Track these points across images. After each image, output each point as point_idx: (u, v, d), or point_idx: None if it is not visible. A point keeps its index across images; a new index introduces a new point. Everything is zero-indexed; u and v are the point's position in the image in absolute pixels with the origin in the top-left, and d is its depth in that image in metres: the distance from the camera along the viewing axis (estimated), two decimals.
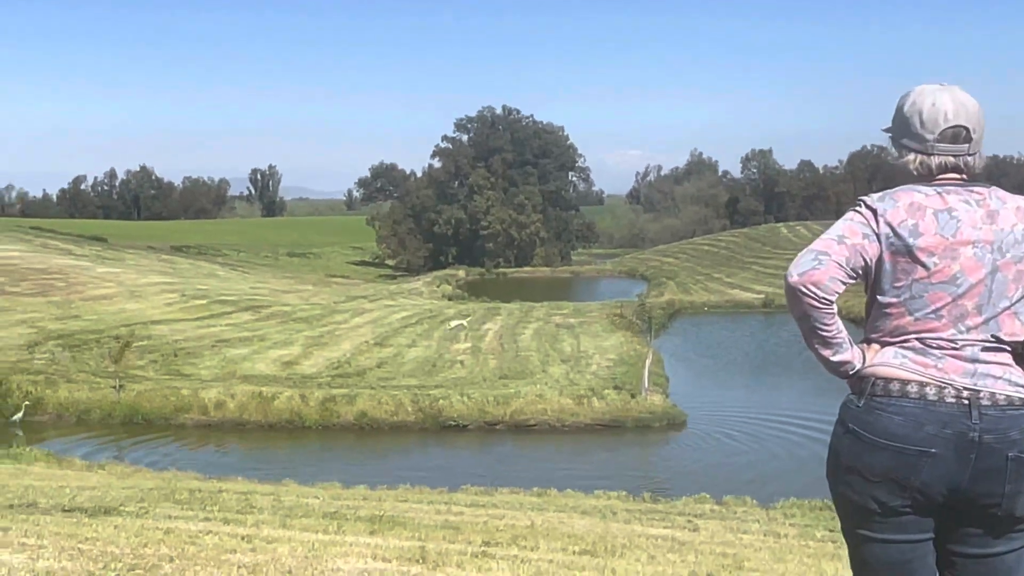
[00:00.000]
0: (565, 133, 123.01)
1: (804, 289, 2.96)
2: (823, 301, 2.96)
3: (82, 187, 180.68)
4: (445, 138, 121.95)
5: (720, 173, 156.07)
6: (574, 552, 9.18)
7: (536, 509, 14.93)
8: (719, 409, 34.35)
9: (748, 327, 58.51)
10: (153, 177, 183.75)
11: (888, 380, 2.99)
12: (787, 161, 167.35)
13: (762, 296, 69.61)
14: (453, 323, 45.76)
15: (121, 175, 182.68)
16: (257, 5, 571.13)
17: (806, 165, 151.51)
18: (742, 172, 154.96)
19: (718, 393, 38.00)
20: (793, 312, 3.07)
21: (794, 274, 3.00)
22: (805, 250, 3.03)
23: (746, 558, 10.18)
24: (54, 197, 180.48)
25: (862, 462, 2.98)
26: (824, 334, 3.05)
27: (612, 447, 29.69)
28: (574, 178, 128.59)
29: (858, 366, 3.06)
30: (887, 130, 3.19)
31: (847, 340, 3.06)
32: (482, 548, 8.52)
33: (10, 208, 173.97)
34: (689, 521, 14.13)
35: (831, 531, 13.45)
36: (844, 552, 10.41)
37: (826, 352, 3.09)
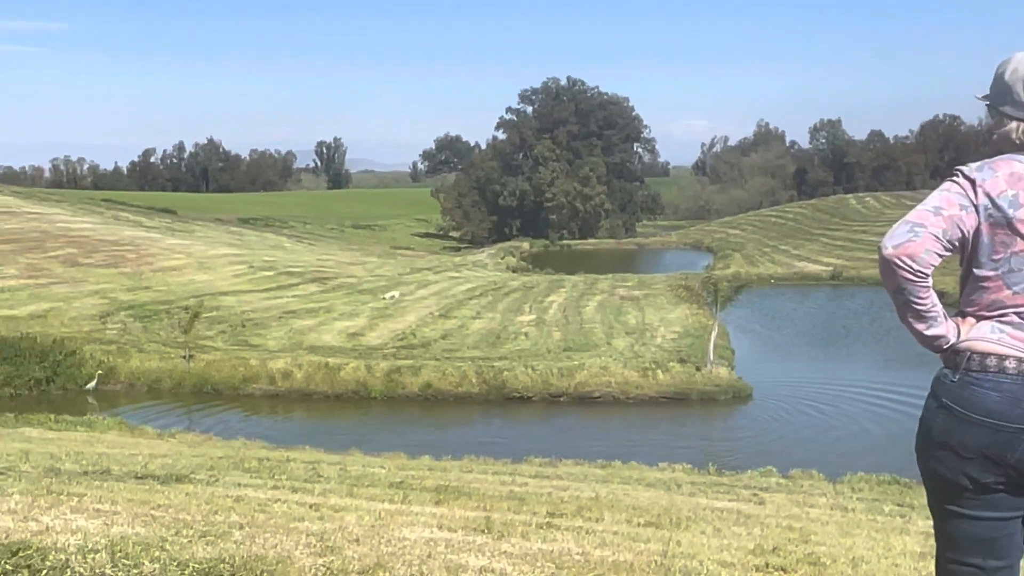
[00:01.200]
0: (630, 104, 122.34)
1: (899, 261, 2.88)
2: (918, 274, 2.87)
3: (152, 160, 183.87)
4: (510, 110, 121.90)
5: (788, 144, 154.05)
6: (639, 524, 9.14)
7: (600, 481, 14.90)
8: (785, 382, 33.99)
9: (815, 299, 57.78)
10: (221, 150, 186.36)
11: (985, 355, 2.91)
12: (856, 131, 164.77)
13: (830, 268, 68.68)
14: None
15: (189, 148, 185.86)
16: None
17: (876, 135, 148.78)
18: (810, 142, 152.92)
19: (785, 366, 37.59)
20: (887, 285, 2.99)
21: (888, 246, 2.91)
22: (900, 221, 2.94)
23: (812, 532, 10.06)
24: (124, 170, 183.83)
25: (956, 438, 2.91)
26: (919, 307, 2.96)
27: (677, 420, 29.56)
28: (639, 149, 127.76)
29: (952, 340, 2.98)
30: (984, 98, 3.07)
31: (942, 314, 2.97)
32: (547, 519, 8.52)
33: (82, 181, 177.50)
34: (755, 494, 13.99)
35: (899, 506, 13.25)
36: (912, 527, 10.26)
37: (920, 326, 3.01)
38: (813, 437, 26.74)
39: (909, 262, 2.87)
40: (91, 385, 31.42)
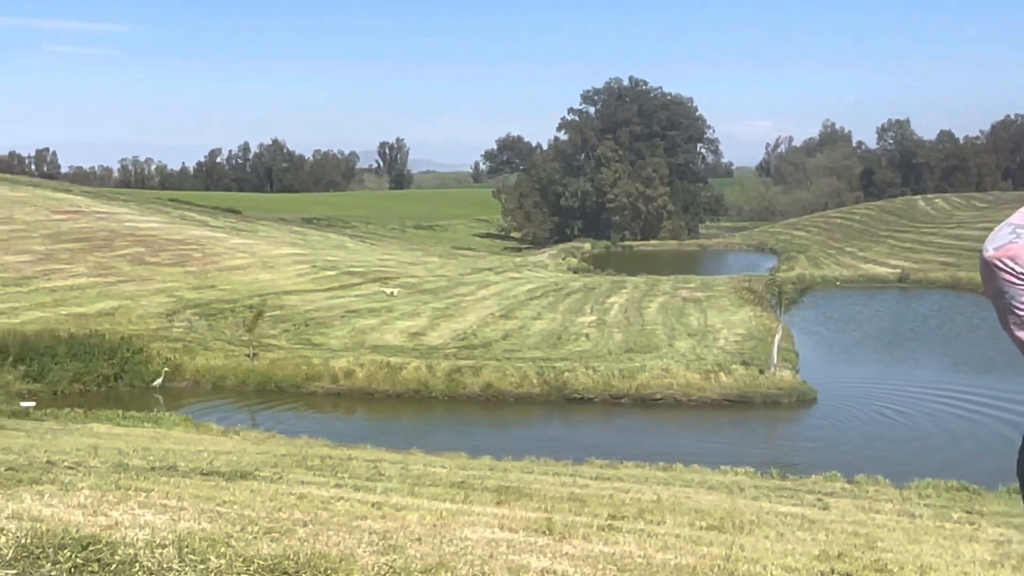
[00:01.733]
0: (694, 104, 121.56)
1: (1000, 263, 2.77)
2: (1021, 276, 2.77)
3: (217, 160, 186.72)
4: (572, 110, 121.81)
5: (854, 144, 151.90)
6: (701, 527, 9.06)
7: (662, 483, 14.80)
8: (851, 386, 33.50)
9: (882, 302, 56.89)
10: (285, 150, 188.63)
11: None
12: (925, 131, 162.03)
13: (897, 271, 67.59)
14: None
15: (254, 148, 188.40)
16: None
17: (946, 135, 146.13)
18: (877, 143, 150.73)
19: (850, 369, 37.05)
20: (987, 290, 2.88)
21: (989, 248, 2.81)
22: (1002, 224, 2.83)
23: (879, 538, 9.89)
24: (191, 170, 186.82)
25: None
26: (1021, 312, 2.86)
27: (739, 423, 29.28)
28: (702, 150, 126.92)
29: None
30: None
31: None
32: (608, 521, 8.47)
33: (150, 181, 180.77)
34: (819, 499, 13.80)
35: (968, 512, 12.98)
36: (982, 535, 10.03)
37: (1021, 333, 2.90)
38: (879, 442, 26.31)
39: (1011, 264, 2.76)
40: (158, 382, 31.93)
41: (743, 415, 29.92)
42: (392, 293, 46.06)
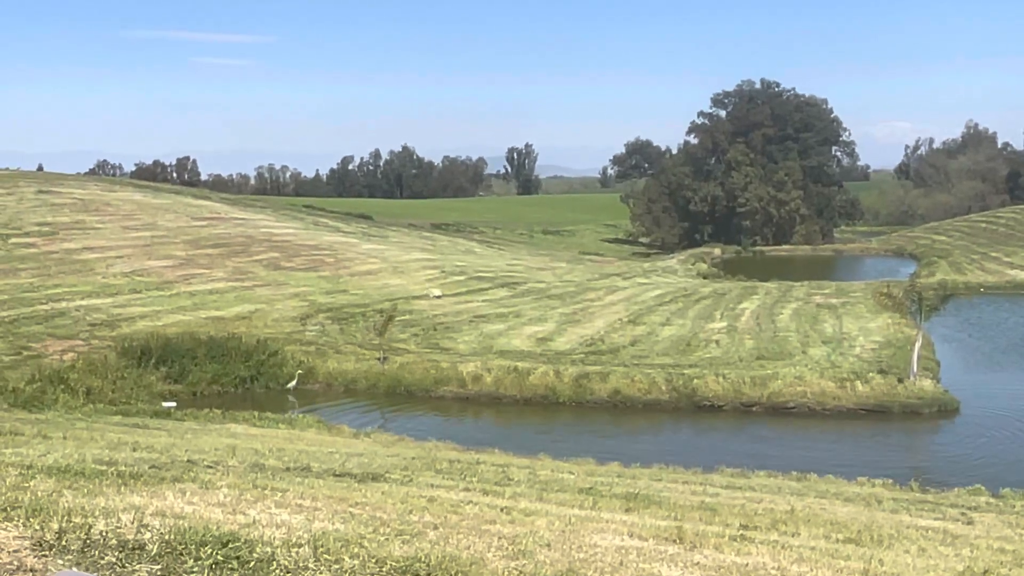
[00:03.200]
0: (828, 106, 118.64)
1: None
2: None
3: (349, 167, 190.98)
4: (701, 114, 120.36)
5: (999, 145, 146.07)
6: (837, 540, 8.80)
7: (795, 494, 14.45)
8: (996, 396, 32.16)
9: None
10: (414, 157, 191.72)
11: None
12: None
13: None
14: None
15: (385, 155, 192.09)
16: None
17: None
18: None
19: (995, 379, 35.58)
20: None
21: None
22: None
23: None
24: (324, 177, 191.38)
25: None
26: None
27: (877, 433, 28.41)
28: (837, 152, 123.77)
29: None
30: None
31: None
32: (740, 531, 8.30)
33: (284, 188, 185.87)
34: (963, 514, 13.28)
35: None
36: None
37: None
38: None
39: None
40: (292, 384, 32.71)
41: (880, 425, 29.02)
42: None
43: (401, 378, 33.11)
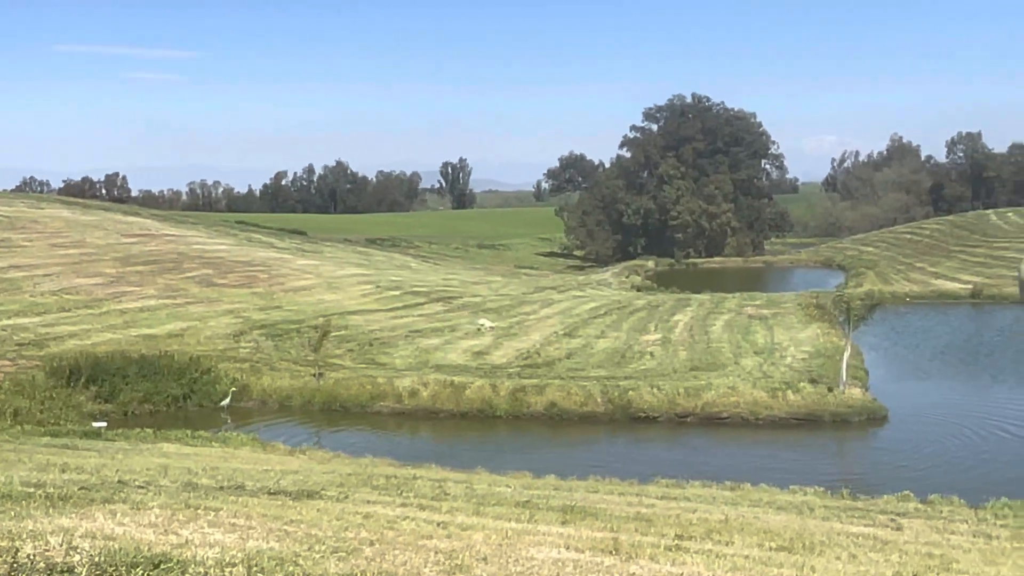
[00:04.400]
0: (757, 120, 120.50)
1: None
2: None
3: (283, 182, 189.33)
4: (634, 128, 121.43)
5: (923, 158, 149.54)
6: (770, 548, 8.92)
7: (729, 503, 14.62)
8: (923, 404, 32.85)
9: (954, 319, 55.76)
10: (348, 171, 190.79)
11: None
12: (997, 144, 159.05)
13: (969, 286, 66.22)
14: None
15: (319, 170, 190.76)
16: (448, 1, 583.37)
17: (1018, 148, 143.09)
18: (947, 156, 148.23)
19: (922, 387, 36.35)
20: None
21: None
22: None
23: (954, 560, 9.67)
24: (257, 192, 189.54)
25: None
26: None
27: (808, 442, 28.84)
28: (767, 166, 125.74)
29: None
30: None
31: None
32: (675, 541, 8.38)
33: (217, 203, 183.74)
34: (892, 520, 13.54)
35: None
36: None
37: None
38: (953, 461, 25.74)
39: None
40: (225, 402, 32.34)
41: (812, 434, 29.47)
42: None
43: (337, 394, 32.88)
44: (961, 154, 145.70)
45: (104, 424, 27.61)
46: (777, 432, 29.53)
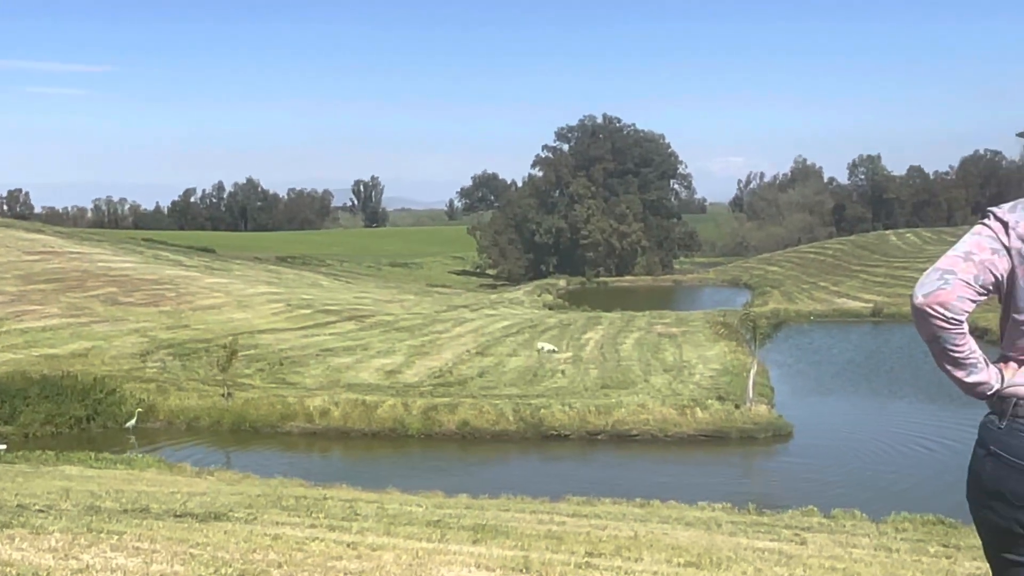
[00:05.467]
0: (666, 141, 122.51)
1: (930, 310, 2.80)
2: (951, 321, 2.80)
3: (192, 199, 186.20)
4: (546, 147, 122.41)
5: (826, 180, 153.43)
6: (679, 564, 9.04)
7: (639, 520, 14.76)
8: (827, 420, 33.63)
9: (856, 337, 57.23)
10: (259, 189, 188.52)
11: None
12: (896, 167, 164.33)
13: (871, 305, 68.05)
14: (542, 346, 44.72)
15: (229, 187, 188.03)
16: (358, 17, 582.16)
17: (916, 171, 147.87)
18: (849, 178, 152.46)
19: (825, 404, 37.20)
20: (922, 334, 2.90)
21: (919, 295, 2.84)
22: (930, 269, 2.87)
23: (856, 573, 9.92)
24: (165, 210, 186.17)
25: (1006, 486, 2.82)
26: (956, 355, 2.88)
27: (716, 458, 29.29)
28: (676, 186, 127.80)
29: (996, 386, 2.89)
30: (1021, 135, 3.02)
31: (982, 359, 2.88)
32: (585, 559, 8.45)
33: (123, 220, 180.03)
34: (796, 534, 13.80)
35: (945, 547, 13.01)
36: (959, 568, 10.06)
37: (959, 373, 2.92)
38: (855, 476, 26.37)
39: (941, 310, 2.79)
40: (131, 423, 31.63)
41: (719, 450, 29.94)
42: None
43: (246, 414, 32.40)
44: (862, 176, 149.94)
45: (4, 446, 26.78)
46: (686, 449, 29.93)
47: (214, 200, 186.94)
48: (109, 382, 33.79)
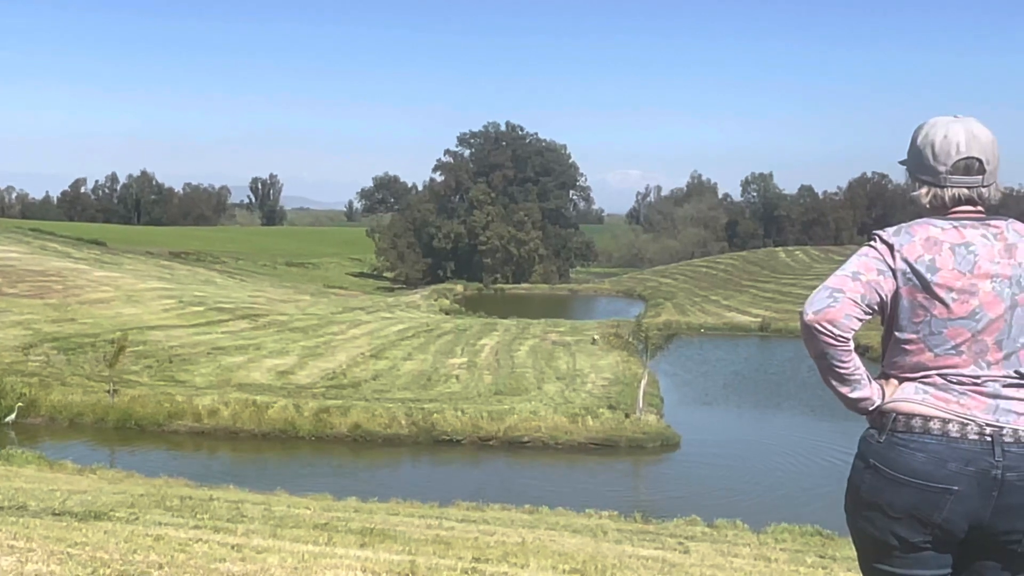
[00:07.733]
0: (567, 151, 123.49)
1: (819, 327, 2.93)
2: (839, 339, 2.93)
3: (82, 190, 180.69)
4: (448, 152, 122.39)
5: (720, 196, 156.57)
6: (564, 571, 9.15)
7: (527, 526, 14.89)
8: (713, 431, 34.32)
9: (744, 350, 58.51)
10: (154, 182, 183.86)
11: (910, 416, 2.94)
12: (787, 185, 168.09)
13: (759, 319, 69.63)
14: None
15: (122, 179, 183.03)
16: (261, 14, 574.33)
17: (806, 190, 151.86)
18: (742, 195, 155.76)
19: (713, 415, 37.98)
20: (809, 350, 3.03)
21: (809, 312, 2.96)
22: (820, 287, 3.00)
23: None
24: (54, 200, 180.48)
25: (883, 498, 2.94)
26: (841, 371, 3.01)
27: (605, 466, 29.64)
28: (575, 196, 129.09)
29: (877, 402, 3.02)
30: (903, 162, 3.17)
31: (865, 376, 3.01)
32: (472, 564, 8.50)
33: (10, 209, 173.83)
34: (680, 543, 14.08)
35: (821, 557, 13.42)
36: None
37: (844, 389, 3.05)
38: (738, 486, 26.98)
39: (830, 327, 2.92)
40: (10, 418, 30.66)
41: (609, 459, 30.31)
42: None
43: (132, 412, 31.67)
44: (755, 193, 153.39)
45: None
46: (576, 456, 30.24)
47: (106, 192, 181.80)
48: None
